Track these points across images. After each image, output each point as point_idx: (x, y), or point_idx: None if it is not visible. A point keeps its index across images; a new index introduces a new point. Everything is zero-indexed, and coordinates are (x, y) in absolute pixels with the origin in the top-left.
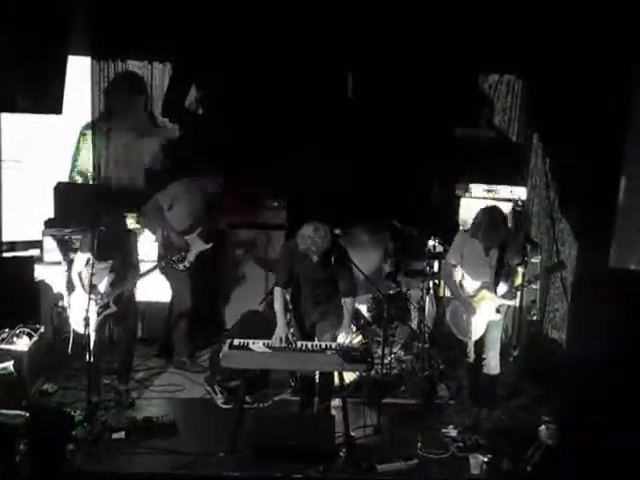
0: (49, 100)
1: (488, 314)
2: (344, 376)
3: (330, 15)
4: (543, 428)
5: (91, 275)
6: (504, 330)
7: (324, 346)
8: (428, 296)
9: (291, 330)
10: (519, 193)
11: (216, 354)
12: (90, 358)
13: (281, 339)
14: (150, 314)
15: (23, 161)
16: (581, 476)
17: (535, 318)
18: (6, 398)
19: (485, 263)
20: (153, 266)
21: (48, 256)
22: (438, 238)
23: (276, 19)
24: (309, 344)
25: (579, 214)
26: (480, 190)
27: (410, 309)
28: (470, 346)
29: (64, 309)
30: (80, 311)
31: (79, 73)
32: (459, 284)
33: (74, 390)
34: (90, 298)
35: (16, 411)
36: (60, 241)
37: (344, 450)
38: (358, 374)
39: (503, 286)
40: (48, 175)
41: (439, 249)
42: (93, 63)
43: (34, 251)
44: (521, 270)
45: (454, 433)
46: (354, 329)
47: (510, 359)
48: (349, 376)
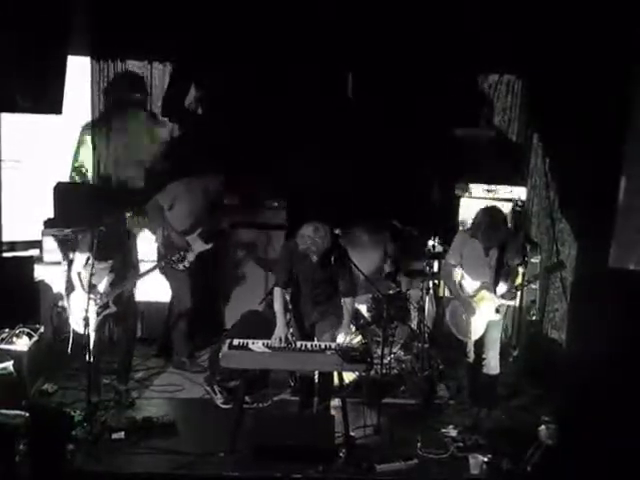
0: (49, 100)
1: (488, 314)
2: (344, 376)
3: (330, 15)
4: (543, 428)
5: (91, 275)
6: (504, 330)
7: (324, 346)
8: (428, 296)
9: (291, 330)
10: (519, 193)
11: (216, 354)
12: (90, 358)
13: (281, 339)
14: (150, 314)
15: (23, 161)
16: (581, 476)
17: (535, 318)
18: (6, 398)
19: (485, 263)
20: (153, 266)
21: (48, 256)
22: (438, 238)
23: (276, 19)
24: (309, 344)
25: (579, 214)
26: (480, 190)
27: (410, 309)
28: (470, 346)
29: (64, 309)
30: (80, 311)
31: (79, 73)
32: (459, 284)
33: (74, 390)
34: (90, 298)
35: (16, 411)
36: (60, 241)
37: (344, 450)
38: (358, 374)
39: (503, 286)
40: (48, 175)
41: (439, 249)
42: (93, 63)
43: (34, 251)
44: (521, 270)
45: (454, 433)
46: (354, 329)
47: (510, 359)
48: (349, 376)
